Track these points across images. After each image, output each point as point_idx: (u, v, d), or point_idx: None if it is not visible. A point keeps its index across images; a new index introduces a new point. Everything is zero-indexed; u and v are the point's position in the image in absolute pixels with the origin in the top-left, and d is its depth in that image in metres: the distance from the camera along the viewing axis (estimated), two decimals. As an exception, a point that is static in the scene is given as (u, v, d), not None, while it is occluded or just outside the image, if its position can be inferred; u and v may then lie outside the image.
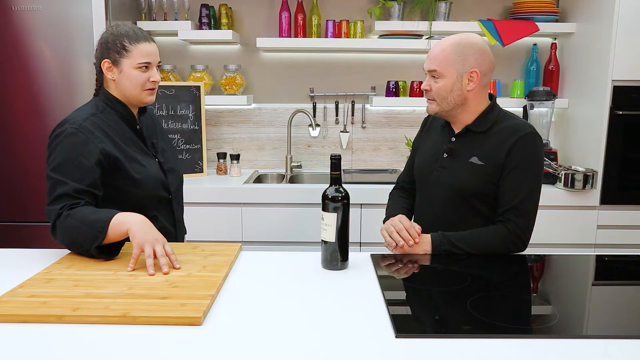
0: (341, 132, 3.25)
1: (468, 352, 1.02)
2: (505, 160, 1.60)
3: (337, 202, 1.44)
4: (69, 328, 1.10)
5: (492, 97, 1.72)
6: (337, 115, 3.25)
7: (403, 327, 1.11)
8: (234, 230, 2.73)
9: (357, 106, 3.24)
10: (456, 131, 1.71)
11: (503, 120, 1.66)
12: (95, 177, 1.51)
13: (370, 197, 2.68)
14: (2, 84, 2.63)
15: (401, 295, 1.32)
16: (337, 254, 1.47)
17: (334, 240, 1.45)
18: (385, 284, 1.37)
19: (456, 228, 1.64)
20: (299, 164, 3.24)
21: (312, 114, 3.23)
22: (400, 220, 1.65)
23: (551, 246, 2.72)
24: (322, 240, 1.48)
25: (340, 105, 3.24)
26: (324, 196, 1.45)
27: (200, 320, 1.12)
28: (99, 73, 1.68)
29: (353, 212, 2.70)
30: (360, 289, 1.34)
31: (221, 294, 1.30)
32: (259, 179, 3.16)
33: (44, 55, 2.62)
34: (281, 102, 3.26)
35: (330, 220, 1.45)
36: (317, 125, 3.19)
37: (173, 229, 1.77)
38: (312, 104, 3.24)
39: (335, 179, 1.46)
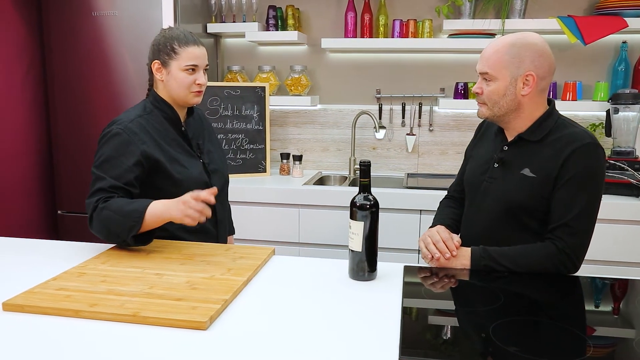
0: (407, 134, 3.15)
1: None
2: (559, 172, 1.46)
3: (365, 210, 1.38)
4: (83, 323, 1.14)
5: (550, 102, 1.58)
6: (403, 117, 3.16)
7: (410, 348, 1.03)
8: (291, 232, 2.74)
9: (425, 108, 3.13)
10: (509, 139, 1.59)
11: (561, 129, 1.51)
12: (132, 177, 1.57)
13: (431, 204, 2.57)
14: (84, 85, 2.81)
15: (421, 312, 1.24)
16: (364, 264, 1.41)
17: (360, 250, 1.40)
18: (409, 299, 1.29)
19: (504, 243, 1.52)
20: (362, 166, 3.17)
21: (378, 116, 3.16)
22: (438, 231, 1.56)
23: (630, 265, 2.47)
24: (349, 250, 1.43)
25: (407, 107, 3.15)
26: (352, 203, 1.40)
27: (206, 325, 1.12)
28: (151, 74, 1.73)
29: (412, 219, 2.61)
30: (381, 302, 1.27)
31: (238, 298, 1.29)
32: (321, 181, 3.14)
33: (121, 57, 2.77)
34: (347, 103, 3.22)
35: (358, 228, 1.39)
36: (381, 127, 3.12)
37: (214, 230, 1.79)
38: (378, 106, 3.17)
39: (364, 186, 1.40)
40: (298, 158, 3.01)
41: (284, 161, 3.09)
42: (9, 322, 1.15)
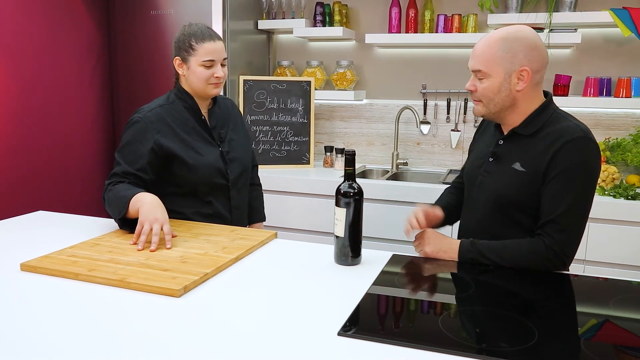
0: (452, 130, 3.13)
1: (398, 361, 0.98)
2: (548, 167, 1.44)
3: (348, 197, 1.45)
4: (80, 285, 1.30)
5: (547, 95, 1.55)
6: (448, 113, 3.14)
7: (351, 327, 1.09)
8: (326, 222, 2.82)
9: (470, 104, 3.08)
10: (504, 133, 1.58)
11: (554, 123, 1.49)
12: (144, 162, 1.72)
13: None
14: (143, 79, 3.06)
15: (383, 296, 1.28)
16: (348, 250, 1.47)
17: (343, 236, 1.46)
18: (379, 284, 1.34)
19: (497, 238, 1.52)
20: (404, 161, 3.20)
21: (423, 111, 3.16)
22: (415, 210, 1.65)
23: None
24: (334, 235, 1.49)
25: (452, 103, 3.12)
26: (337, 191, 1.47)
27: (179, 293, 1.24)
28: (175, 69, 1.88)
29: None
30: (353, 285, 1.33)
31: (223, 273, 1.40)
32: (364, 174, 3.20)
33: (175, 53, 2.98)
34: (393, 99, 3.25)
35: (341, 215, 1.46)
36: (422, 122, 3.12)
37: (229, 215, 1.91)
38: (422, 101, 3.17)
39: (349, 175, 1.46)
40: (341, 151, 3.09)
41: (328, 154, 3.18)
42: (23, 280, 1.34)
